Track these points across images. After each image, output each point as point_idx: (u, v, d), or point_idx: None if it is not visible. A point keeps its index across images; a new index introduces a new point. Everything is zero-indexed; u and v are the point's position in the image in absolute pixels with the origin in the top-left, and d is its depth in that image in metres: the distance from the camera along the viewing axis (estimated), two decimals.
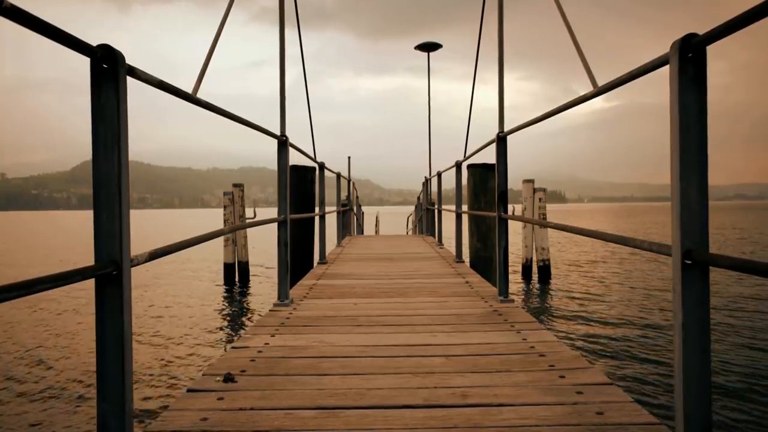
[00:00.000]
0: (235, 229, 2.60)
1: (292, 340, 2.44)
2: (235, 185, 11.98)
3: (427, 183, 11.19)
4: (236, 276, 11.80)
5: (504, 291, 3.29)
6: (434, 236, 9.19)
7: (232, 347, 2.34)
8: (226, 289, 11.21)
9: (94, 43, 1.13)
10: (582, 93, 2.13)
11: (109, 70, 1.14)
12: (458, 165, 5.92)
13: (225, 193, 11.86)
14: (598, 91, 1.94)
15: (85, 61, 1.13)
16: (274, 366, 2.06)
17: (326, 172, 6.33)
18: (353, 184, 12.54)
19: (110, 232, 1.16)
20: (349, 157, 13.29)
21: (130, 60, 1.21)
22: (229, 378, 1.88)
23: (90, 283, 1.14)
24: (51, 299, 9.60)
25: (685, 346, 1.15)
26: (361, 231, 14.74)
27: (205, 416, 1.58)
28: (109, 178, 1.15)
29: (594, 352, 5.89)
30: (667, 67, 1.22)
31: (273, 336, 2.52)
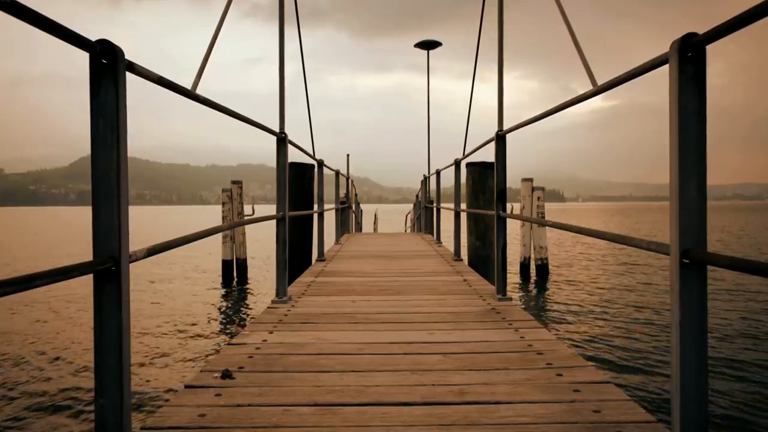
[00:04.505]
0: (233, 225, 2.60)
1: (290, 337, 2.45)
2: (233, 182, 11.97)
3: (425, 181, 11.20)
4: (234, 273, 11.79)
5: (502, 289, 3.30)
6: (433, 234, 9.19)
7: (230, 344, 2.34)
8: (224, 286, 11.21)
9: (92, 38, 1.12)
10: (581, 92, 2.13)
11: (108, 66, 1.14)
12: (457, 163, 5.92)
13: (224, 190, 11.85)
14: (598, 90, 1.94)
15: (84, 57, 1.13)
16: (272, 363, 2.06)
17: (325, 170, 6.33)
18: (352, 181, 12.54)
19: (109, 228, 1.15)
20: (348, 155, 13.29)
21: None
22: (227, 374, 1.88)
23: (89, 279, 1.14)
24: (50, 295, 9.59)
25: (683, 345, 1.15)
26: (359, 229, 14.75)
27: (203, 412, 1.58)
28: (108, 174, 1.15)
29: (591, 351, 5.90)
30: (666, 67, 1.22)
31: (271, 333, 2.52)
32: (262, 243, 18.62)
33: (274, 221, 3.36)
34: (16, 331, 7.18)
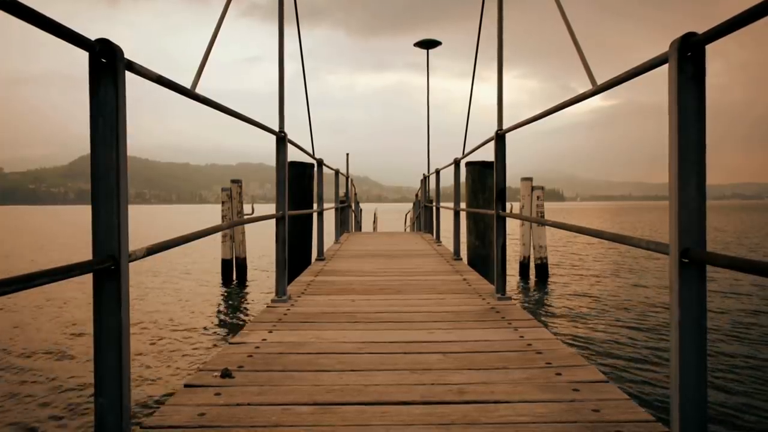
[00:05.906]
0: (233, 225, 2.59)
1: (290, 337, 2.45)
2: (233, 181, 11.96)
3: (425, 180, 11.20)
4: (234, 272, 11.79)
5: (501, 288, 3.30)
6: (432, 233, 9.19)
7: (230, 343, 2.34)
8: (223, 285, 11.20)
9: (91, 38, 1.12)
10: (581, 91, 2.13)
11: (107, 65, 1.14)
12: (457, 162, 5.92)
13: (223, 189, 11.84)
14: (597, 90, 1.94)
15: (84, 56, 1.13)
16: (271, 362, 2.06)
17: (324, 169, 6.33)
18: (351, 180, 12.54)
19: (108, 227, 1.15)
20: (347, 154, 13.28)
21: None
22: (226, 374, 1.88)
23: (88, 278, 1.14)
24: (49, 293, 9.58)
25: (682, 345, 1.15)
26: (359, 228, 14.75)
27: (203, 411, 1.58)
28: (108, 173, 1.15)
29: (591, 350, 5.90)
30: (666, 66, 1.22)
31: (270, 332, 2.53)
32: (261, 242, 18.61)
33: (273, 220, 3.36)
34: (16, 331, 7.18)
